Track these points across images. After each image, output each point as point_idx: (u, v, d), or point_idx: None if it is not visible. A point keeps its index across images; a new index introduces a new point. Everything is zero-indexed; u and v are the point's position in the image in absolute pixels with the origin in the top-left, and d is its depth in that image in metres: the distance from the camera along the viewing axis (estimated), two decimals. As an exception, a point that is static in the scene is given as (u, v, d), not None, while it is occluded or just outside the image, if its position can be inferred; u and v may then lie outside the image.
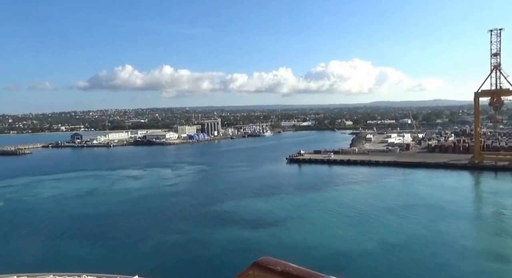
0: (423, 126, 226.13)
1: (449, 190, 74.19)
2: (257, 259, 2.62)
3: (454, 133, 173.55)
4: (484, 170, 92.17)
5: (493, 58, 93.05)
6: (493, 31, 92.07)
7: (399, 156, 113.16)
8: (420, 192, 73.46)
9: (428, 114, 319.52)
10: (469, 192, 77.64)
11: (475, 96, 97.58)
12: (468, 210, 62.31)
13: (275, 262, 2.52)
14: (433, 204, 63.37)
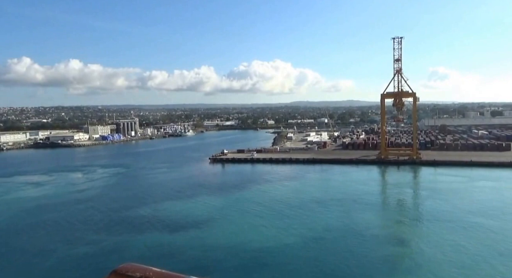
0: (338, 125, 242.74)
1: (360, 183, 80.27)
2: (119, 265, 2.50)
3: (365, 132, 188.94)
4: (389, 164, 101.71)
5: (395, 64, 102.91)
6: (395, 39, 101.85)
7: (317, 153, 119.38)
8: (335, 186, 78.18)
9: (342, 114, 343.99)
10: (377, 185, 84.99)
11: (381, 97, 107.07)
12: (375, 201, 67.94)
13: (136, 268, 2.47)
14: (346, 197, 67.86)
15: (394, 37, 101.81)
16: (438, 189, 72.94)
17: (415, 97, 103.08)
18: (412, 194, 75.36)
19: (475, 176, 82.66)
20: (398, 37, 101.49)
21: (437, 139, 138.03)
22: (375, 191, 76.90)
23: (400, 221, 55.86)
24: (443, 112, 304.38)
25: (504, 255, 40.51)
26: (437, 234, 47.90)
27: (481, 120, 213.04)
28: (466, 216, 54.67)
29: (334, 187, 77.77)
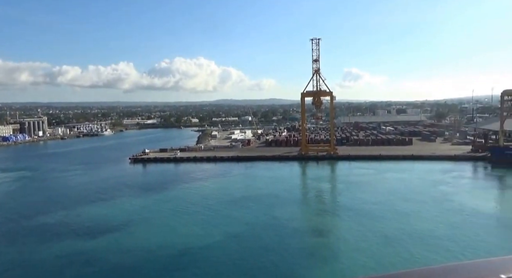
0: (261, 123, 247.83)
1: (282, 179, 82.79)
2: None
3: (287, 129, 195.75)
4: (309, 159, 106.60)
5: (314, 64, 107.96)
6: (313, 40, 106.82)
7: (242, 151, 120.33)
8: (259, 182, 79.45)
9: (265, 112, 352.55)
10: (298, 180, 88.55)
11: (301, 96, 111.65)
12: (297, 195, 70.79)
13: None
14: (270, 193, 69.38)
15: (313, 39, 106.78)
16: (353, 181, 78.34)
17: (332, 96, 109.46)
18: (330, 187, 79.84)
19: (384, 168, 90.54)
20: (316, 39, 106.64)
21: (352, 135, 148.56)
22: (296, 185, 79.99)
23: (319, 213, 58.76)
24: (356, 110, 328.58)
25: (412, 237, 44.87)
26: (352, 223, 51.24)
27: (388, 118, 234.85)
28: (376, 205, 59.41)
29: (258, 183, 78.99)
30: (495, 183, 77.57)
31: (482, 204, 59.62)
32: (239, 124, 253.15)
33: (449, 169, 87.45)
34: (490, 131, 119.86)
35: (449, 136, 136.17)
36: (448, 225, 49.31)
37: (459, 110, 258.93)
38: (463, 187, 71.63)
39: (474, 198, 62.86)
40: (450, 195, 64.80)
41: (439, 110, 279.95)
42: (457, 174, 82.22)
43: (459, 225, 49.32)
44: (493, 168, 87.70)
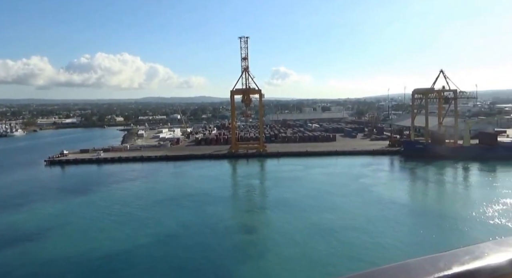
0: (191, 121, 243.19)
1: (213, 178, 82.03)
2: None
3: (217, 127, 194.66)
4: (239, 157, 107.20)
5: (243, 62, 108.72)
6: (242, 38, 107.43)
7: (170, 150, 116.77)
8: (189, 182, 77.82)
9: (195, 110, 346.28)
10: (228, 178, 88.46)
11: (231, 94, 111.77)
12: (227, 194, 70.72)
13: None
14: (201, 192, 68.38)
15: (241, 37, 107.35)
16: (281, 177, 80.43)
17: (261, 94, 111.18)
18: (260, 183, 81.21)
19: (311, 164, 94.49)
20: (244, 37, 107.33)
21: (280, 132, 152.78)
22: (227, 184, 79.82)
23: (249, 211, 59.34)
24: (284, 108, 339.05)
25: (337, 227, 47.39)
26: (281, 219, 52.55)
27: (314, 115, 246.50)
28: (303, 199, 61.71)
29: (188, 183, 77.31)
30: (407, 174, 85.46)
31: (396, 194, 65.37)
32: (168, 123, 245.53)
33: (368, 162, 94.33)
34: (403, 127, 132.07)
35: (368, 132, 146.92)
36: (367, 215, 52.99)
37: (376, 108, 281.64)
38: (381, 179, 77.76)
39: (389, 189, 68.55)
40: (369, 187, 69.89)
41: (359, 108, 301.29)
42: (375, 167, 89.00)
43: (377, 215, 53.29)
44: (405, 161, 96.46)
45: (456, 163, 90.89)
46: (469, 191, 71.05)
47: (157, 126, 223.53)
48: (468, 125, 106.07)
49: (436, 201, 64.77)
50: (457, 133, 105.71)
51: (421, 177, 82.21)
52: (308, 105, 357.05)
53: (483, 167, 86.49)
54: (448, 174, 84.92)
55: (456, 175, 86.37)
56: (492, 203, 55.74)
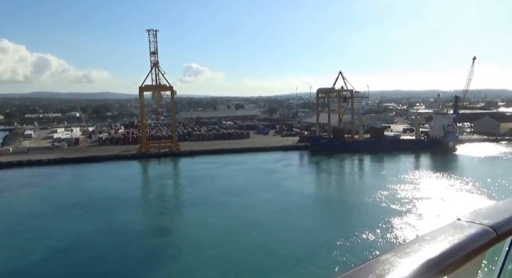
0: (93, 120, 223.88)
1: (120, 180, 76.29)
2: None
3: (124, 126, 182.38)
4: (151, 157, 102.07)
5: (152, 57, 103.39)
6: (150, 31, 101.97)
7: (68, 152, 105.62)
8: (92, 186, 71.20)
9: (98, 107, 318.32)
10: (139, 179, 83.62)
11: (140, 90, 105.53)
12: (138, 196, 66.80)
13: None
14: (106, 196, 63.12)
15: (149, 30, 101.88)
16: (196, 176, 78.74)
17: (173, 91, 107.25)
18: (173, 184, 78.34)
19: (225, 161, 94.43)
20: (152, 30, 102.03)
21: (194, 130, 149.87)
22: (137, 186, 75.27)
23: (162, 212, 56.80)
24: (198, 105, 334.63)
25: (251, 223, 47.86)
26: (196, 218, 51.39)
27: (228, 113, 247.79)
28: (218, 197, 61.32)
29: (91, 187, 70.59)
30: (313, 168, 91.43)
31: (304, 186, 69.73)
32: (64, 121, 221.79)
33: (280, 158, 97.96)
34: (310, 124, 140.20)
35: (279, 129, 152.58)
36: (280, 208, 54.92)
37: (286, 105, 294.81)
38: (291, 173, 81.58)
39: (298, 182, 72.62)
40: (281, 181, 72.88)
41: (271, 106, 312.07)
42: (286, 162, 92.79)
43: (288, 206, 55.58)
44: (312, 156, 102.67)
45: (353, 155, 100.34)
46: (363, 179, 79.61)
47: (50, 125, 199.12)
48: (362, 122, 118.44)
49: (338, 190, 71.45)
50: (354, 128, 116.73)
51: (325, 169, 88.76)
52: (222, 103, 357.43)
53: (373, 158, 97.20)
54: (346, 166, 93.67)
55: (352, 166, 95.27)
56: (381, 189, 63.26)
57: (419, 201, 56.57)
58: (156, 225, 50.58)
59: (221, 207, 55.85)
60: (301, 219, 49.76)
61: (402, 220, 48.26)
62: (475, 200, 56.51)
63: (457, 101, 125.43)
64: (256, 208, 54.93)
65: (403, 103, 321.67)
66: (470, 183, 67.11)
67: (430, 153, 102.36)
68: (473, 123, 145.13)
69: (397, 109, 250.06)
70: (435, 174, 77.14)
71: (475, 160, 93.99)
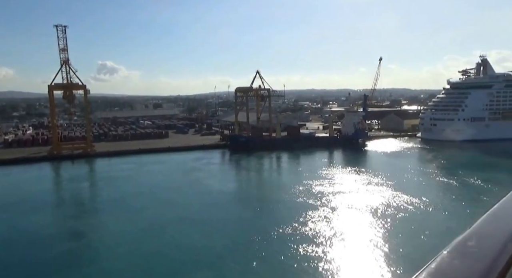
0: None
1: (28, 184, 71.96)
2: None
3: (33, 126, 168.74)
4: (63, 159, 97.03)
5: (62, 53, 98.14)
6: (58, 27, 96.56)
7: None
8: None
9: (3, 107, 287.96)
10: (49, 183, 79.20)
11: (49, 89, 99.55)
12: (48, 200, 63.62)
13: None
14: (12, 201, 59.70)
15: (57, 25, 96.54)
16: (114, 177, 77.56)
17: (86, 90, 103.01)
18: (88, 186, 76.10)
19: (144, 162, 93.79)
20: (61, 26, 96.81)
21: (110, 130, 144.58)
22: (47, 189, 71.35)
23: (76, 216, 55.06)
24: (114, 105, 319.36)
25: (172, 222, 49.15)
26: (112, 220, 51.09)
27: (146, 112, 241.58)
28: (136, 198, 61.32)
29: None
30: (233, 166, 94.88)
31: (224, 184, 72.24)
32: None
33: (200, 157, 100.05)
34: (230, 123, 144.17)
35: (198, 128, 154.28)
36: (199, 206, 57.09)
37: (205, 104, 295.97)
38: (210, 171, 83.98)
39: (218, 181, 75.01)
40: (201, 180, 74.78)
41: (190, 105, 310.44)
42: (206, 161, 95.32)
43: (207, 204, 57.78)
44: (232, 154, 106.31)
45: (271, 153, 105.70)
46: (280, 176, 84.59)
47: None
48: (279, 120, 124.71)
49: (257, 187, 74.72)
50: (271, 127, 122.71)
51: (244, 167, 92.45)
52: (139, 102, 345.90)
53: (290, 155, 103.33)
54: (265, 163, 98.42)
55: (271, 163, 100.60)
56: (297, 185, 67.68)
57: (333, 195, 60.95)
58: (69, 229, 49.35)
59: (138, 208, 55.76)
60: (220, 217, 51.33)
61: (317, 213, 51.60)
62: (382, 192, 62.47)
63: (365, 100, 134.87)
64: (175, 207, 56.00)
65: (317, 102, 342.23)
66: (378, 176, 73.86)
67: (343, 149, 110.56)
68: (380, 120, 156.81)
69: (312, 108, 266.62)
70: (347, 169, 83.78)
71: (382, 154, 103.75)
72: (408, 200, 57.03)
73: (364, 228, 46.27)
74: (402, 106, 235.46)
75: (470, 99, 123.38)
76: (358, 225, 47.39)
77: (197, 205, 57.68)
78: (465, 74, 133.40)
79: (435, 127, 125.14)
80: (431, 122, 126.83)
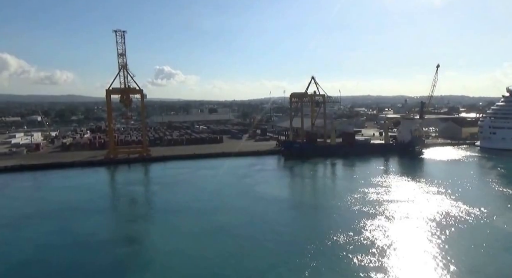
0: (57, 124, 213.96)
1: (85, 188, 72.34)
2: None
3: (90, 130, 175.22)
4: (119, 163, 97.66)
5: (120, 58, 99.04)
6: (117, 32, 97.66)
7: (27, 158, 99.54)
8: (53, 195, 67.34)
9: (62, 111, 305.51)
10: (106, 187, 79.57)
11: (107, 93, 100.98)
12: (105, 204, 63.19)
13: None
14: (70, 206, 59.57)
15: (116, 30, 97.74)
16: (168, 182, 76.24)
17: (142, 94, 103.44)
18: (143, 190, 74.97)
19: (198, 166, 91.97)
20: (120, 31, 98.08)
21: (165, 135, 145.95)
22: (104, 193, 71.38)
23: (131, 220, 53.89)
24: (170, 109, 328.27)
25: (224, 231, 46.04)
26: (166, 225, 49.10)
27: (201, 117, 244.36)
28: (190, 203, 59.25)
29: (51, 196, 66.70)
30: (286, 172, 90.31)
31: (277, 191, 68.67)
32: (23, 126, 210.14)
33: (253, 163, 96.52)
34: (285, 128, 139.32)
35: (252, 133, 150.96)
36: (253, 213, 53.79)
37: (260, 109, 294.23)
38: (264, 178, 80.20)
39: (271, 187, 71.36)
40: (254, 186, 71.47)
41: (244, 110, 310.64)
42: (259, 168, 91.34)
43: (261, 211, 54.52)
44: (285, 160, 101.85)
45: (326, 159, 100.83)
46: (335, 184, 79.90)
47: (8, 130, 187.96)
48: (334, 126, 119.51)
49: (311, 194, 71.00)
50: (326, 133, 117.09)
51: (298, 174, 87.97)
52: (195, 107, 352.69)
53: (345, 162, 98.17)
54: (319, 170, 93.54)
55: (325, 170, 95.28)
56: (353, 193, 64.22)
57: (389, 204, 57.45)
58: (123, 234, 47.81)
59: (192, 213, 53.80)
60: (274, 225, 48.55)
61: (373, 222, 48.61)
62: (440, 202, 58.53)
63: (422, 107, 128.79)
64: (229, 214, 53.45)
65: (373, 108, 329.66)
66: (436, 185, 69.58)
67: (399, 157, 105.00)
68: (437, 128, 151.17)
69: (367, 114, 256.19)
70: (403, 177, 78.81)
71: (439, 163, 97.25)
72: (467, 211, 53.60)
73: (420, 239, 43.27)
74: (460, 114, 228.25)
75: None
76: (414, 235, 44.36)
77: (249, 213, 54.48)
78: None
79: (494, 136, 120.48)
80: (491, 130, 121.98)
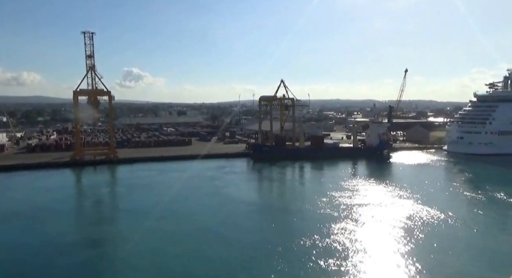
0: (22, 125, 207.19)
1: (50, 189, 71.45)
2: None
3: (57, 131, 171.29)
4: (85, 165, 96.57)
5: (88, 60, 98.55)
6: (86, 33, 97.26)
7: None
8: (16, 197, 66.08)
9: (28, 112, 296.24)
10: (71, 189, 78.08)
11: (74, 95, 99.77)
12: (69, 206, 62.45)
13: None
14: (33, 206, 59.00)
15: (85, 32, 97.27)
16: (135, 184, 76.30)
17: (110, 96, 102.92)
18: (109, 192, 74.83)
19: (166, 169, 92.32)
20: (88, 32, 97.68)
21: (133, 137, 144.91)
22: (69, 195, 70.46)
23: (96, 222, 53.93)
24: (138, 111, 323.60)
25: (192, 231, 46.96)
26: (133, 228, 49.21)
27: (170, 119, 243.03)
28: (157, 205, 59.34)
29: (14, 198, 65.47)
30: (255, 175, 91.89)
31: (245, 194, 69.99)
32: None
33: (222, 165, 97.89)
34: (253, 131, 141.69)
35: (221, 136, 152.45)
36: (220, 216, 54.93)
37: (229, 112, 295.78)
38: (232, 181, 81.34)
39: (239, 190, 72.76)
40: (222, 189, 72.56)
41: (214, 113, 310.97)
42: (228, 170, 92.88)
43: (228, 214, 55.72)
44: (254, 163, 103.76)
45: (295, 162, 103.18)
46: (303, 187, 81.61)
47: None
48: (303, 129, 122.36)
49: (278, 197, 72.22)
50: (295, 136, 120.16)
51: (266, 177, 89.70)
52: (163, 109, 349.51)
53: (313, 165, 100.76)
54: (287, 173, 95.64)
55: (293, 173, 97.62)
56: (321, 196, 65.58)
57: (357, 207, 58.76)
58: (88, 237, 47.67)
59: (159, 216, 54.11)
60: (241, 227, 49.62)
61: (340, 225, 49.72)
62: (407, 205, 60.08)
63: (391, 111, 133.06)
64: (196, 216, 54.23)
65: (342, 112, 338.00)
66: (402, 189, 71.49)
67: (367, 160, 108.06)
68: (405, 132, 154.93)
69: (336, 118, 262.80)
70: (371, 181, 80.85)
71: (407, 167, 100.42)
72: (434, 215, 55.18)
73: (387, 242, 44.24)
74: (428, 118, 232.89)
75: (497, 112, 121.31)
76: (381, 239, 45.35)
77: (217, 214, 55.62)
78: (492, 87, 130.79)
79: (461, 140, 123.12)
80: (458, 135, 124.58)
